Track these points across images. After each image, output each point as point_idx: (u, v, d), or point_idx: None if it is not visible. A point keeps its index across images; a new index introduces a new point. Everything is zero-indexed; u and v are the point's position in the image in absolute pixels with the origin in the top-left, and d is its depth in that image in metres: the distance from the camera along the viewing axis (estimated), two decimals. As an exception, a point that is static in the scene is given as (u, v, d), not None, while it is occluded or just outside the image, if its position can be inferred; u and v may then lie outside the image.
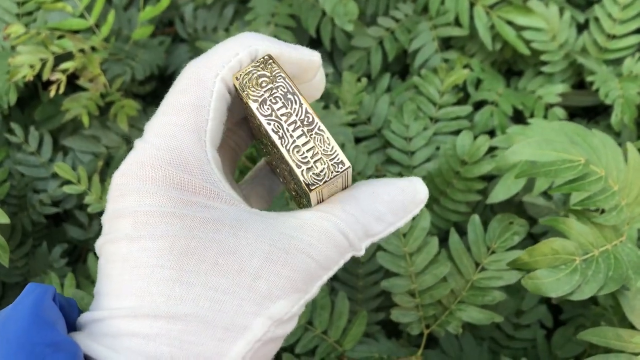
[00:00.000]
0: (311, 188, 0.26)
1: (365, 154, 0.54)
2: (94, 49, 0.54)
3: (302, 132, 0.26)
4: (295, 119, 0.26)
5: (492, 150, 0.52)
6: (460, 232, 0.47)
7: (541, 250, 0.37)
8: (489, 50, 0.60)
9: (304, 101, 0.26)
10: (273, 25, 0.61)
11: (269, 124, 0.26)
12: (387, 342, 0.47)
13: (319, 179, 0.26)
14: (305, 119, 0.26)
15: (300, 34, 0.63)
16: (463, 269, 0.45)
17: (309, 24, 0.60)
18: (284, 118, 0.26)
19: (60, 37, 0.52)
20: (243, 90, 0.27)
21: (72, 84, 0.55)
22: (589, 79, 0.57)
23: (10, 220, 0.41)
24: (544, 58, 0.59)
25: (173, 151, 0.26)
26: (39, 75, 0.53)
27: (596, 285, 0.37)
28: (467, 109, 0.57)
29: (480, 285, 0.44)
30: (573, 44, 0.60)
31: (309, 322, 0.45)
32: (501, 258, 0.44)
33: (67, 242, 0.54)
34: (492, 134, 0.57)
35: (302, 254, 0.26)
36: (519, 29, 0.59)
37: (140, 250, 0.25)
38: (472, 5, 0.60)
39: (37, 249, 0.52)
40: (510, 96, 0.58)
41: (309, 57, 0.29)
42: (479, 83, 0.60)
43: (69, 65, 0.51)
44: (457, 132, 0.54)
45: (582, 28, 0.61)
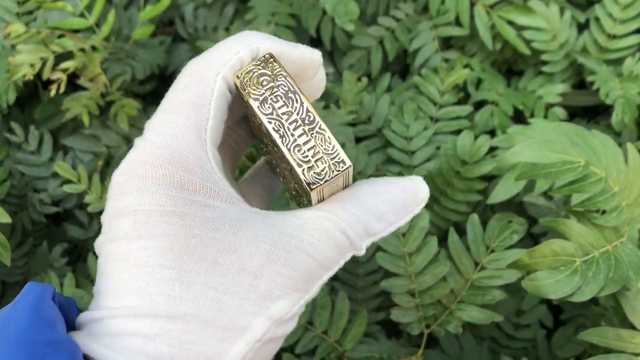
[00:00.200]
0: (312, 187, 0.26)
1: (365, 154, 0.54)
2: (94, 48, 0.54)
3: (303, 131, 0.26)
4: (296, 118, 0.26)
5: (493, 150, 0.52)
6: (460, 232, 0.47)
7: (541, 252, 0.37)
8: (489, 50, 0.60)
9: (305, 100, 0.26)
10: (273, 24, 0.61)
11: (270, 123, 0.26)
12: (387, 342, 0.47)
13: (320, 178, 0.26)
14: (307, 118, 0.26)
15: (300, 33, 0.63)
16: (462, 268, 0.45)
17: (309, 24, 0.60)
18: (285, 117, 0.26)
19: (61, 37, 0.52)
20: (244, 89, 0.27)
21: (73, 83, 0.55)
22: (590, 78, 0.57)
23: (11, 219, 0.41)
24: (544, 58, 0.59)
25: (173, 150, 0.26)
26: (39, 75, 0.53)
27: (596, 286, 0.37)
28: (468, 108, 0.57)
29: (480, 285, 0.44)
30: (573, 44, 0.60)
31: (309, 322, 0.45)
32: (500, 257, 0.44)
33: (67, 242, 0.54)
34: (493, 133, 0.57)
35: (303, 254, 0.26)
36: (520, 28, 0.59)
37: (140, 249, 0.25)
38: (473, 4, 0.60)
39: (38, 248, 0.52)
40: (511, 96, 0.58)
41: (310, 56, 0.29)
42: (479, 83, 0.60)
43: (69, 65, 0.51)
44: (458, 132, 0.54)
45: (583, 28, 0.61)
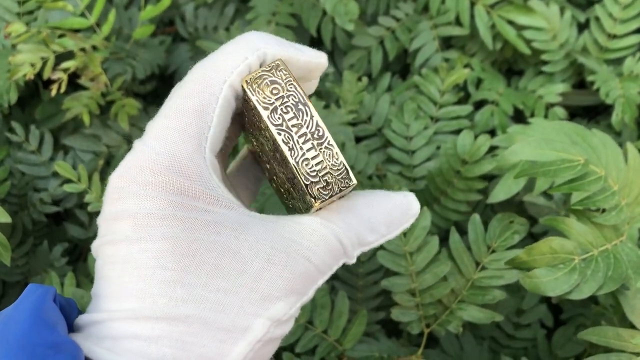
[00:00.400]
0: (317, 202, 0.26)
1: (365, 153, 0.54)
2: (94, 48, 0.54)
3: (312, 146, 0.26)
4: (305, 131, 0.26)
5: (493, 149, 0.52)
6: (461, 232, 0.47)
7: (540, 250, 0.37)
8: (489, 50, 0.60)
9: (315, 113, 0.26)
10: (274, 24, 0.61)
11: (280, 134, 0.26)
12: (388, 342, 0.47)
13: (325, 193, 0.26)
14: (316, 132, 0.26)
15: (300, 33, 0.63)
16: (463, 268, 0.45)
17: (309, 23, 0.60)
18: (294, 129, 0.26)
19: (61, 36, 0.52)
20: (253, 95, 0.26)
21: (73, 83, 0.55)
22: (590, 78, 0.57)
23: (11, 219, 0.41)
24: (544, 57, 0.59)
25: (173, 157, 0.26)
26: (39, 74, 0.53)
27: (595, 284, 0.37)
28: (468, 108, 0.57)
29: (481, 285, 0.44)
30: (574, 44, 0.60)
31: (309, 322, 0.45)
32: (501, 257, 0.44)
33: (68, 241, 0.54)
34: (493, 133, 0.57)
35: (302, 258, 0.26)
36: (520, 28, 0.59)
37: (140, 251, 0.25)
38: (473, 4, 0.60)
39: (38, 248, 0.52)
40: (511, 96, 0.58)
41: (316, 60, 0.29)
42: (479, 82, 0.60)
43: (69, 64, 0.51)
44: (458, 132, 0.54)
45: (583, 27, 0.61)
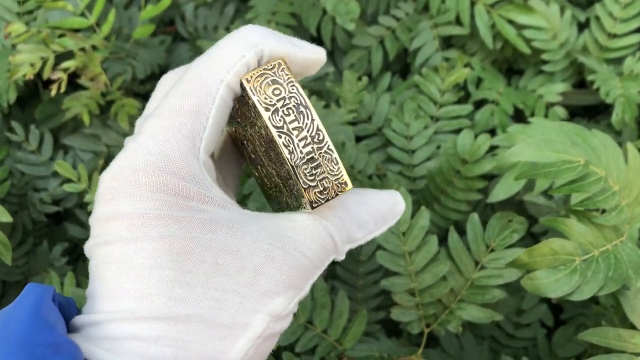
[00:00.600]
0: (314, 206, 0.27)
1: (365, 153, 0.54)
2: (94, 47, 0.54)
3: (312, 150, 0.26)
4: (306, 135, 0.26)
5: (493, 149, 0.52)
6: (461, 231, 0.47)
7: (540, 251, 0.37)
8: (489, 49, 0.60)
9: (315, 116, 0.26)
10: (274, 23, 0.61)
11: (280, 137, 0.26)
12: (388, 341, 0.47)
13: (322, 197, 0.27)
14: (316, 136, 0.26)
15: (301, 32, 0.63)
16: (463, 267, 0.45)
17: (309, 23, 0.60)
18: (295, 132, 0.26)
19: (61, 36, 0.52)
20: (254, 95, 0.26)
21: (73, 83, 0.55)
22: (590, 78, 0.57)
23: (11, 218, 0.41)
24: (544, 57, 0.59)
25: (166, 157, 0.25)
26: (39, 74, 0.53)
27: (596, 285, 0.37)
28: (468, 107, 0.57)
29: (480, 284, 0.44)
30: (574, 43, 0.60)
31: (309, 321, 0.45)
32: (500, 256, 0.44)
33: (68, 241, 0.54)
34: (493, 132, 0.57)
35: (299, 253, 0.26)
36: (520, 27, 0.59)
37: (136, 251, 0.25)
38: (473, 4, 0.59)
39: (38, 248, 0.52)
40: (511, 95, 0.58)
41: (315, 56, 0.29)
42: (479, 82, 0.60)
43: (69, 64, 0.51)
44: (458, 131, 0.54)
45: (583, 27, 0.61)
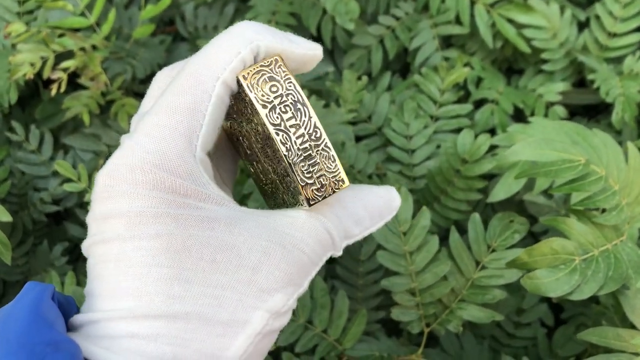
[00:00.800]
0: (311, 203, 0.27)
1: (365, 153, 0.54)
2: (94, 47, 0.54)
3: (309, 147, 0.26)
4: (303, 132, 0.26)
5: (493, 148, 0.52)
6: (461, 231, 0.47)
7: (540, 250, 0.37)
8: (489, 49, 0.60)
9: (313, 114, 0.26)
10: (274, 23, 0.61)
11: (278, 135, 0.26)
12: (388, 341, 0.47)
13: (319, 194, 0.27)
14: (314, 134, 0.26)
15: (301, 32, 0.62)
16: (463, 267, 0.45)
17: (309, 23, 0.60)
18: (292, 130, 0.26)
19: (61, 36, 0.52)
20: (251, 92, 0.26)
21: (73, 83, 0.55)
22: (590, 77, 0.57)
23: (11, 218, 0.41)
24: (544, 56, 0.59)
25: (163, 155, 0.25)
26: (39, 74, 0.53)
27: (596, 285, 0.37)
28: (468, 107, 0.57)
29: (481, 284, 0.44)
30: (574, 42, 0.60)
31: (308, 321, 0.45)
32: (501, 256, 0.44)
33: (68, 241, 0.54)
34: (493, 132, 0.57)
35: (297, 249, 0.26)
36: (520, 27, 0.59)
37: (134, 249, 0.25)
38: (473, 3, 0.59)
39: (38, 247, 0.52)
40: (511, 94, 0.58)
41: (312, 53, 0.29)
42: (479, 81, 0.60)
43: (69, 64, 0.51)
44: (458, 131, 0.54)
45: (583, 26, 0.61)
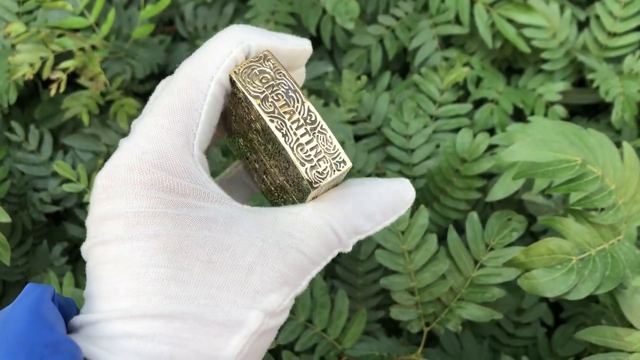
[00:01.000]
0: (314, 186, 0.26)
1: (365, 152, 0.54)
2: (94, 47, 0.54)
3: (306, 130, 0.26)
4: (298, 117, 0.26)
5: (492, 148, 0.52)
6: (460, 230, 0.47)
7: (537, 250, 0.37)
8: (489, 48, 0.60)
9: (305, 99, 0.26)
10: (273, 23, 0.61)
11: (272, 121, 0.26)
12: (387, 340, 0.47)
13: (321, 177, 0.26)
14: (308, 117, 0.26)
15: (300, 32, 0.63)
16: (462, 266, 0.45)
17: (309, 22, 0.60)
18: (287, 116, 0.26)
19: (61, 36, 0.52)
20: (243, 86, 0.26)
21: (72, 83, 0.55)
22: (590, 76, 0.57)
23: (10, 218, 0.41)
24: (544, 56, 0.59)
25: (161, 154, 0.26)
26: (39, 74, 0.53)
27: (592, 284, 0.37)
28: (467, 106, 0.57)
29: (480, 283, 0.44)
30: (574, 42, 0.60)
31: (308, 320, 0.45)
32: (500, 255, 0.44)
33: (67, 241, 0.54)
34: (492, 132, 0.57)
35: (295, 250, 0.26)
36: (520, 26, 0.59)
37: (132, 250, 0.25)
38: (473, 3, 0.59)
39: (38, 248, 0.52)
40: (511, 94, 0.58)
41: (300, 47, 0.29)
42: (479, 81, 0.60)
43: (69, 64, 0.51)
44: (457, 130, 0.54)
45: (583, 26, 0.61)
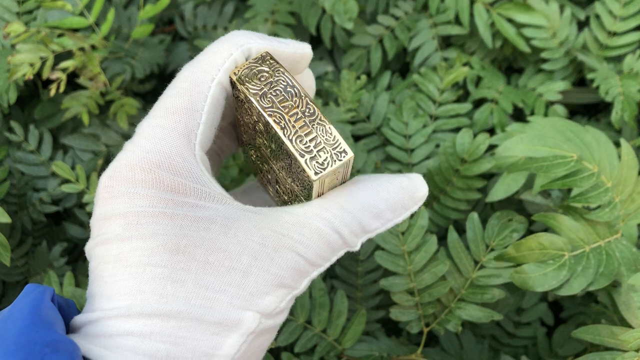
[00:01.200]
0: (315, 177, 0.26)
1: (364, 152, 0.54)
2: (93, 47, 0.54)
3: (305, 123, 0.26)
4: (297, 111, 0.26)
5: (492, 148, 0.52)
6: (460, 230, 0.47)
7: (528, 245, 0.37)
8: (489, 48, 0.60)
9: (304, 94, 0.27)
10: (273, 23, 0.60)
11: (271, 116, 0.26)
12: (387, 341, 0.47)
13: (322, 167, 0.26)
14: (307, 110, 0.26)
15: (300, 32, 0.63)
16: (462, 267, 0.45)
17: (309, 22, 0.60)
18: (285, 110, 0.26)
19: (60, 36, 0.52)
20: (242, 84, 0.27)
21: (72, 83, 0.55)
22: (590, 76, 0.57)
23: (10, 219, 0.41)
24: (544, 55, 0.59)
25: (162, 154, 0.26)
26: (38, 74, 0.53)
27: (585, 280, 0.36)
28: (467, 106, 0.56)
29: (480, 283, 0.44)
30: (573, 41, 0.60)
31: (308, 321, 0.45)
32: (500, 256, 0.44)
33: (67, 241, 0.54)
34: (492, 131, 0.57)
35: (292, 252, 0.26)
36: (519, 26, 0.59)
37: (131, 249, 0.25)
38: (472, 2, 0.59)
39: (37, 248, 0.52)
40: (511, 94, 0.58)
41: (301, 51, 0.29)
42: (479, 81, 0.60)
43: (69, 64, 0.51)
44: (457, 130, 0.54)
45: (583, 25, 0.61)
